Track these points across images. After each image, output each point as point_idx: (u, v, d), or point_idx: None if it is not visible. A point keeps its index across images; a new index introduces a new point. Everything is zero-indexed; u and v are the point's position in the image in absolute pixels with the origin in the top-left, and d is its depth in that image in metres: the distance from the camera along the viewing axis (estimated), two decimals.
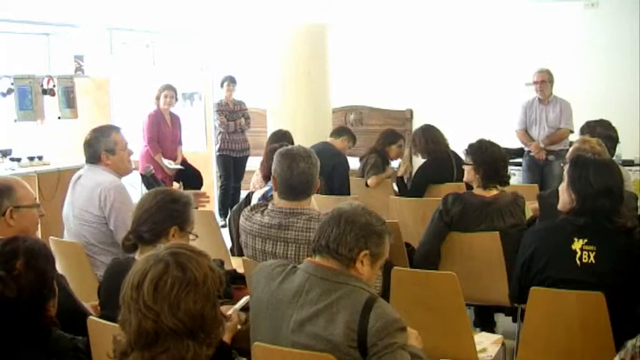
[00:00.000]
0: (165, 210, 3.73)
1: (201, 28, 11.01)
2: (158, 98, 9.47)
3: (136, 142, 8.89)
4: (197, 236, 3.82)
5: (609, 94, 10.74)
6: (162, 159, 9.23)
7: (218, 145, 10.79)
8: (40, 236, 5.37)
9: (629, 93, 10.78)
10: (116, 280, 2.66)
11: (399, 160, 11.89)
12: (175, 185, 9.29)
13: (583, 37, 11.20)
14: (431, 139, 7.71)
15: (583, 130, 6.45)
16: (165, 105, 9.46)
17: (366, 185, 8.02)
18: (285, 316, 3.03)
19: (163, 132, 9.40)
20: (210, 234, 5.78)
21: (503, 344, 4.33)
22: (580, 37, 11.20)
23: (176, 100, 9.61)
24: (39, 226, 4.21)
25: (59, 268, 3.99)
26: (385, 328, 2.87)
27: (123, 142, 5.42)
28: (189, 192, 5.60)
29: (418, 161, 8.41)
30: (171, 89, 9.51)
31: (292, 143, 6.30)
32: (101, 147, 5.30)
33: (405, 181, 8.34)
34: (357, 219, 3.08)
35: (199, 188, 9.41)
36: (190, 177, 9.57)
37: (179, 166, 9.46)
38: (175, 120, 9.70)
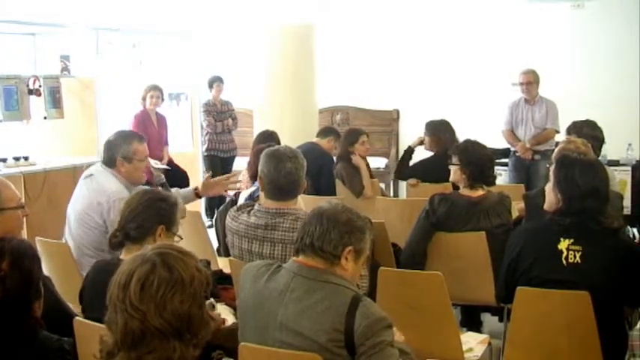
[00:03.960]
0: (154, 208, 3.76)
1: (188, 28, 10.99)
2: (144, 98, 9.46)
3: None
4: (181, 238, 3.82)
5: (595, 94, 10.77)
6: (149, 159, 9.20)
7: (205, 146, 10.79)
8: (25, 237, 5.37)
9: (615, 93, 10.82)
10: (101, 281, 2.66)
11: (386, 161, 11.94)
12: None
13: (569, 37, 11.23)
14: (453, 136, 7.67)
15: (569, 131, 6.46)
16: (152, 105, 9.45)
17: (361, 196, 7.93)
18: (271, 314, 3.04)
19: (149, 132, 9.37)
20: (196, 234, 5.78)
21: (489, 344, 4.33)
22: (566, 38, 11.24)
23: (162, 100, 9.61)
24: (24, 226, 4.19)
25: (45, 269, 3.98)
26: (371, 327, 2.89)
27: (143, 153, 5.39)
28: (221, 177, 5.66)
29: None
30: (157, 89, 9.50)
31: (279, 143, 6.30)
32: (119, 153, 5.26)
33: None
34: (339, 216, 3.11)
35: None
36: (177, 177, 9.56)
37: (165, 167, 9.45)
38: (161, 120, 9.69)
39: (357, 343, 2.89)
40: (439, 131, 7.79)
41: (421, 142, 8.16)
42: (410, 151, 8.17)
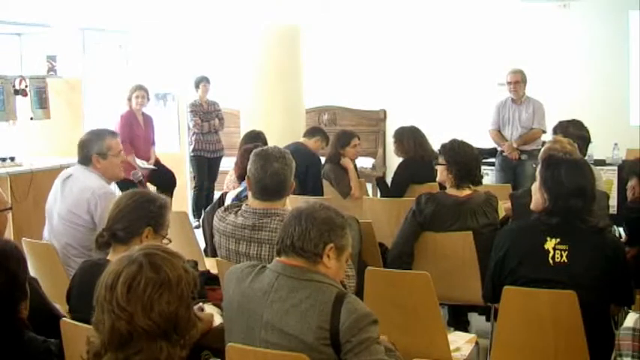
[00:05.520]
0: (141, 210, 3.75)
1: (174, 28, 10.98)
2: (130, 99, 9.43)
3: None
4: (170, 241, 3.81)
5: (581, 94, 10.84)
6: (136, 159, 9.20)
7: (192, 146, 10.78)
8: (12, 237, 5.35)
9: (601, 93, 10.88)
10: (88, 282, 2.65)
11: (373, 161, 11.96)
12: (150, 187, 9.26)
13: (555, 37, 11.28)
14: (419, 142, 7.70)
15: (556, 130, 6.48)
16: (138, 105, 9.42)
17: (348, 197, 7.97)
18: (257, 315, 3.05)
19: (136, 133, 9.36)
20: (183, 235, 5.77)
21: (476, 343, 4.33)
22: (552, 38, 11.28)
23: (148, 100, 9.56)
24: (11, 227, 4.18)
25: (31, 269, 3.97)
26: (357, 323, 2.90)
27: (117, 148, 5.41)
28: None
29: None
30: (142, 89, 9.47)
31: (266, 143, 6.29)
32: (93, 149, 5.28)
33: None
34: (317, 215, 3.12)
35: (173, 189, 9.41)
36: (164, 177, 9.54)
37: (152, 166, 9.43)
38: (148, 120, 9.65)
39: (343, 340, 2.89)
40: (402, 137, 7.82)
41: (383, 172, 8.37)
42: (382, 180, 8.29)
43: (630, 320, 3.10)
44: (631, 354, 3.01)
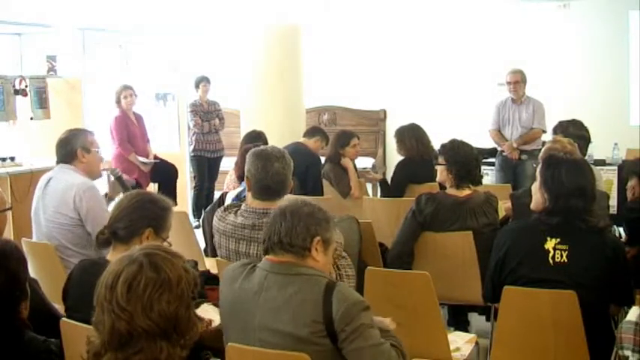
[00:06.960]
0: (143, 210, 3.74)
1: (174, 28, 10.97)
2: (119, 101, 9.42)
3: (107, 144, 8.89)
4: (171, 244, 3.80)
5: (581, 93, 10.84)
6: (137, 157, 9.23)
7: (192, 146, 10.77)
8: (12, 237, 5.35)
9: (601, 93, 10.88)
10: (88, 281, 2.65)
11: (373, 161, 11.96)
12: (151, 187, 9.28)
13: (555, 37, 11.28)
14: (420, 141, 7.70)
15: (556, 130, 6.48)
16: (128, 105, 9.41)
17: (348, 197, 7.98)
18: (250, 315, 3.07)
19: (132, 131, 9.39)
20: (183, 235, 5.76)
21: (476, 343, 4.34)
22: (552, 38, 11.28)
23: (136, 96, 9.55)
24: (11, 227, 4.18)
25: (31, 270, 3.97)
26: (349, 311, 2.92)
27: (96, 145, 5.45)
28: None
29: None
30: (129, 89, 9.47)
31: (266, 143, 6.28)
32: (78, 144, 5.31)
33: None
34: (301, 210, 3.16)
35: (175, 182, 9.43)
36: (166, 171, 9.56)
37: (154, 160, 9.46)
38: (139, 119, 9.66)
39: (338, 330, 2.92)
40: (404, 136, 7.81)
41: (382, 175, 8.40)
42: (384, 180, 8.35)
43: (633, 314, 3.10)
44: (632, 347, 3.01)
